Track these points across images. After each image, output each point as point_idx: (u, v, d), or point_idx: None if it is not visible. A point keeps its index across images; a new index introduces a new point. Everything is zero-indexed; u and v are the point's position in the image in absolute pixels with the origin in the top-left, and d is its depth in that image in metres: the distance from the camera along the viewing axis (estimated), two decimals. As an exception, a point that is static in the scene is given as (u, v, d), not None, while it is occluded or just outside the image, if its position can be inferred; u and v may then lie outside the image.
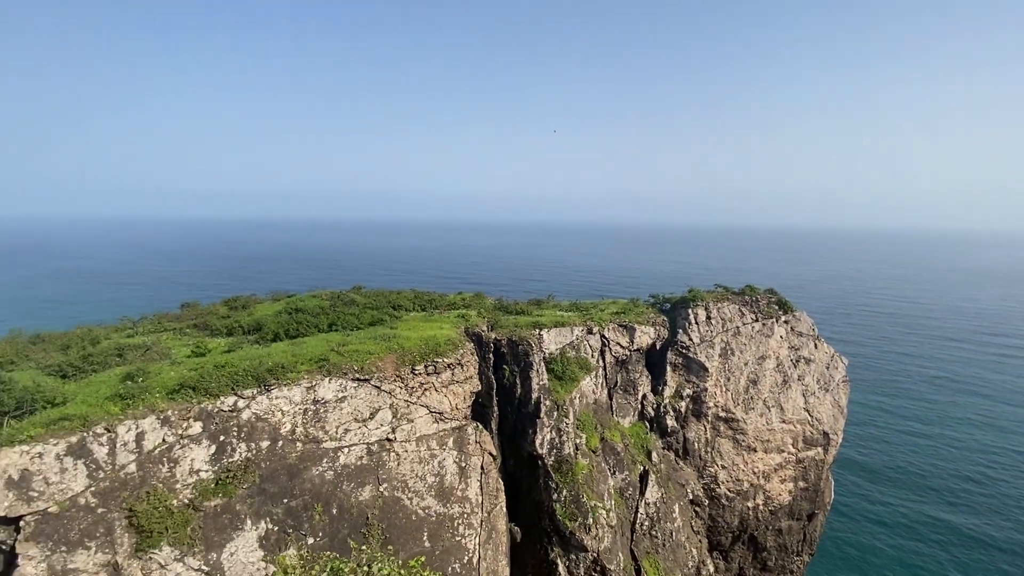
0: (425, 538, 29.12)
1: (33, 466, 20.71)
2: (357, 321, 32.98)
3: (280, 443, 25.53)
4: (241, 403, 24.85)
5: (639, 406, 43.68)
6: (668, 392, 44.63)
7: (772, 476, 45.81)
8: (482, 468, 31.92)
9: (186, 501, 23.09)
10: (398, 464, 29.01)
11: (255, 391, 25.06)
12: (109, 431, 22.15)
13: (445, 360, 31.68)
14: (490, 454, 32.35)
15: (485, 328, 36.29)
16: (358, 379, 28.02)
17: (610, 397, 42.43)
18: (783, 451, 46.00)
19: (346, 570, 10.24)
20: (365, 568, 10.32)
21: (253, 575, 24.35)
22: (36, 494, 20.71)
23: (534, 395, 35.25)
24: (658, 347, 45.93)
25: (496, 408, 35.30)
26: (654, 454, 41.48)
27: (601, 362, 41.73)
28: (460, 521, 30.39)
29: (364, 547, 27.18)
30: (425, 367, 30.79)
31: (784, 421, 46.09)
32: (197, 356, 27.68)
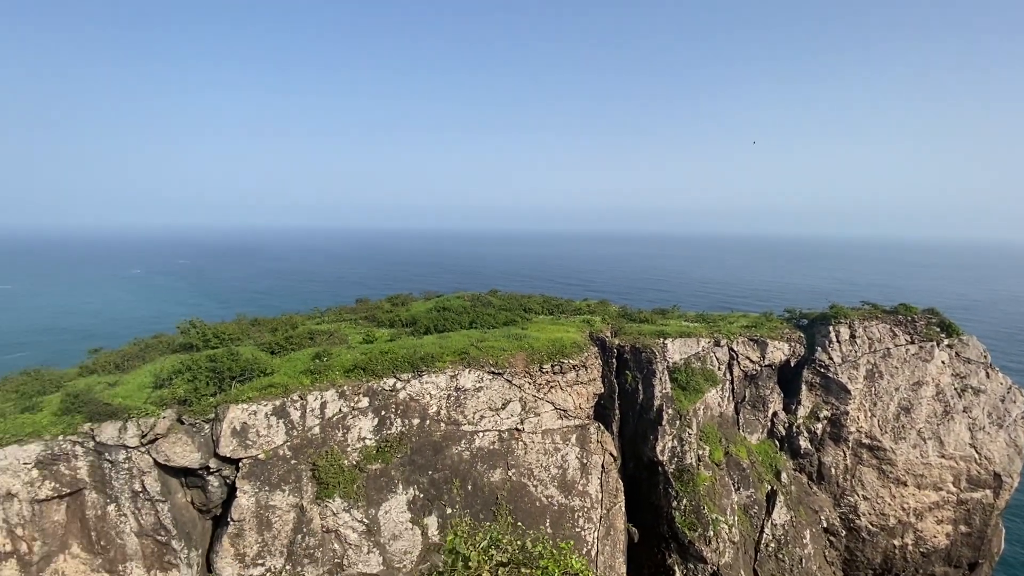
0: (548, 525, 31.28)
1: (250, 421, 26.29)
2: (493, 321, 36.32)
3: (428, 422, 29.31)
4: (399, 385, 28.99)
5: (768, 423, 42.05)
6: (802, 412, 42.38)
7: (926, 515, 41.30)
8: (603, 467, 33.37)
9: (354, 462, 27.58)
10: (525, 453, 31.55)
11: (410, 375, 29.07)
12: (302, 399, 27.29)
13: (570, 361, 33.72)
14: (611, 454, 33.71)
15: (609, 334, 37.77)
16: (493, 372, 31.07)
17: (737, 412, 41.44)
18: (941, 489, 41.27)
19: (504, 541, 12.28)
20: (519, 542, 12.30)
21: (402, 533, 28.27)
22: (251, 443, 26.26)
23: (656, 402, 35.90)
24: (792, 364, 43.80)
25: (618, 411, 36.57)
26: (784, 475, 39.73)
27: (728, 375, 40.98)
28: (580, 514, 32.12)
29: (493, 524, 30.07)
30: (552, 367, 33.08)
31: (944, 456, 41.35)
32: (367, 343, 32.64)
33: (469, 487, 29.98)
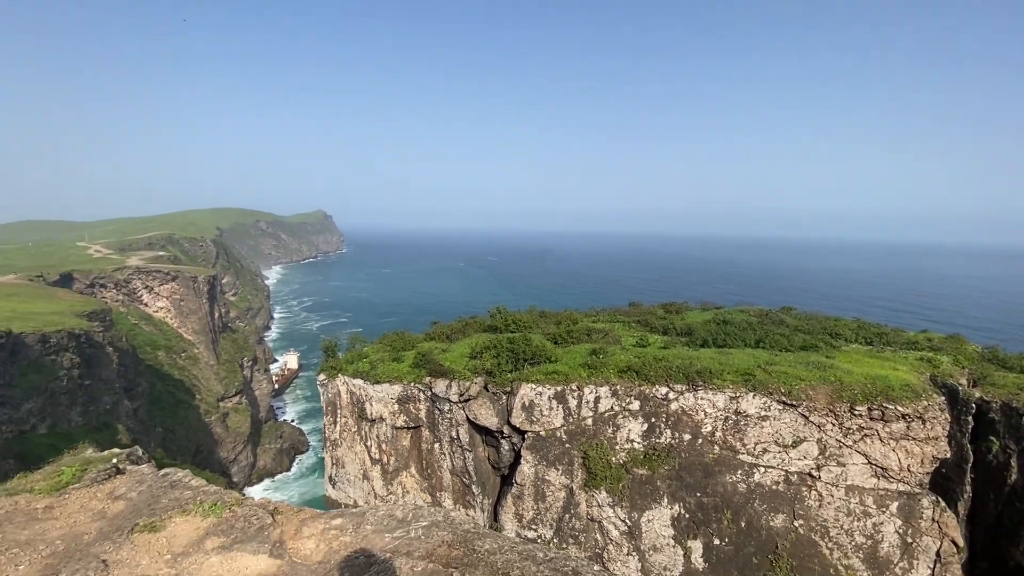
0: (842, 600, 25.68)
1: (536, 400, 29.86)
2: (787, 343, 31.85)
3: (700, 441, 27.80)
4: (671, 395, 28.36)
5: None
6: None
7: None
8: (937, 555, 25.45)
9: (621, 461, 28.29)
10: (819, 505, 26.67)
11: (683, 387, 28.13)
12: (579, 389, 29.48)
13: (898, 408, 26.86)
14: (953, 542, 25.41)
15: (964, 382, 28.54)
16: (784, 403, 27.34)
17: None
18: None
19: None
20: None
21: (663, 547, 27.56)
22: (535, 419, 29.80)
23: (1046, 491, 25.22)
24: None
25: (969, 488, 27.32)
26: None
27: None
28: (894, 604, 25.24)
29: (769, 574, 26.43)
30: (869, 410, 27.01)
31: None
32: (640, 347, 33.02)
33: (743, 523, 27.13)
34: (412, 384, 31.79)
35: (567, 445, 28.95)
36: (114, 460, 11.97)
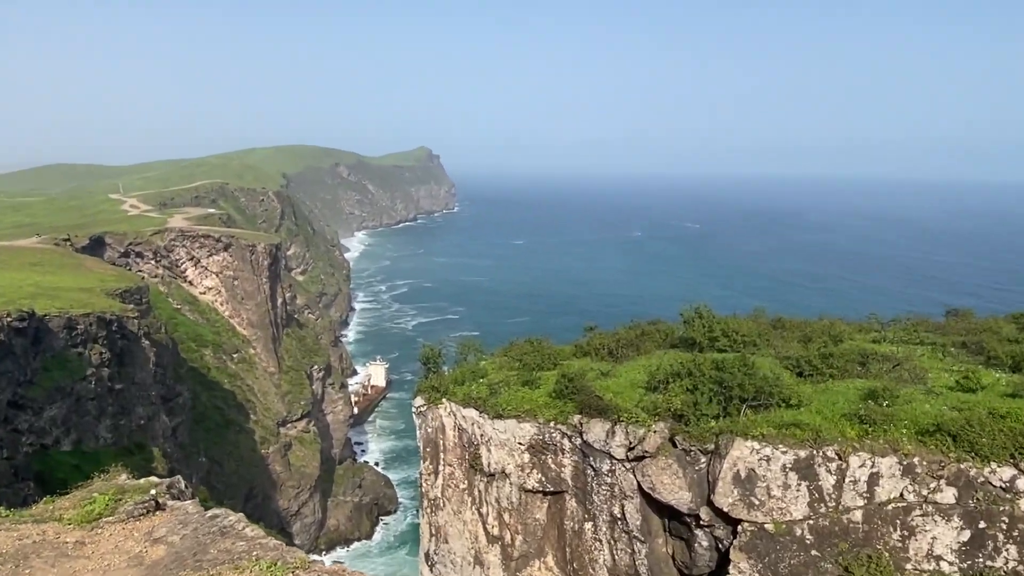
0: None
1: (759, 469, 24.27)
2: None
3: (1077, 572, 20.58)
4: (1021, 482, 21.40)
5: None
6: None
7: None
8: None
9: (916, 591, 21.82)
10: None
11: (1049, 473, 21.10)
12: (840, 458, 23.52)
13: None
14: None
15: None
16: None
17: None
18: None
19: None
20: None
21: None
22: (756, 501, 24.27)
23: None
24: None
25: None
26: None
27: None
28: None
29: None
30: None
31: None
32: (964, 391, 26.46)
33: None
34: (553, 424, 28.15)
35: (814, 552, 23.72)
36: (152, 492, 13.21)
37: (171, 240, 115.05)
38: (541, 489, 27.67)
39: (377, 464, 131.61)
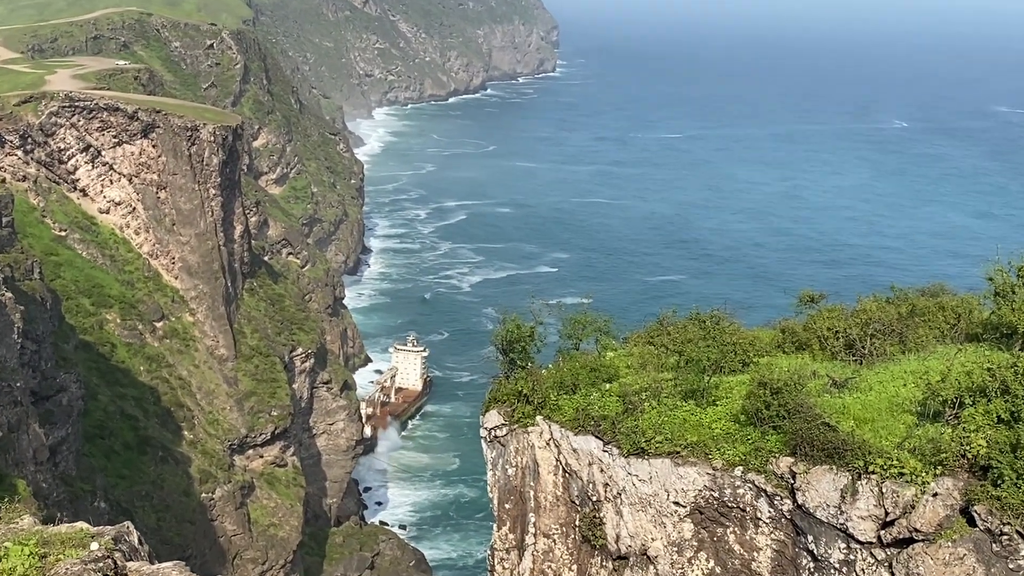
0: None
1: None
2: None
3: None
4: None
5: None
6: None
7: None
8: None
9: None
10: None
11: None
12: None
13: None
14: None
15: None
16: None
17: None
18: None
19: None
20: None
21: None
22: None
23: None
24: None
25: None
26: None
27: None
28: None
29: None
30: None
31: None
32: None
33: None
34: (739, 472, 17.43)
35: None
36: (96, 547, 9.72)
37: (51, 115, 77.66)
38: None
39: (403, 527, 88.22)
